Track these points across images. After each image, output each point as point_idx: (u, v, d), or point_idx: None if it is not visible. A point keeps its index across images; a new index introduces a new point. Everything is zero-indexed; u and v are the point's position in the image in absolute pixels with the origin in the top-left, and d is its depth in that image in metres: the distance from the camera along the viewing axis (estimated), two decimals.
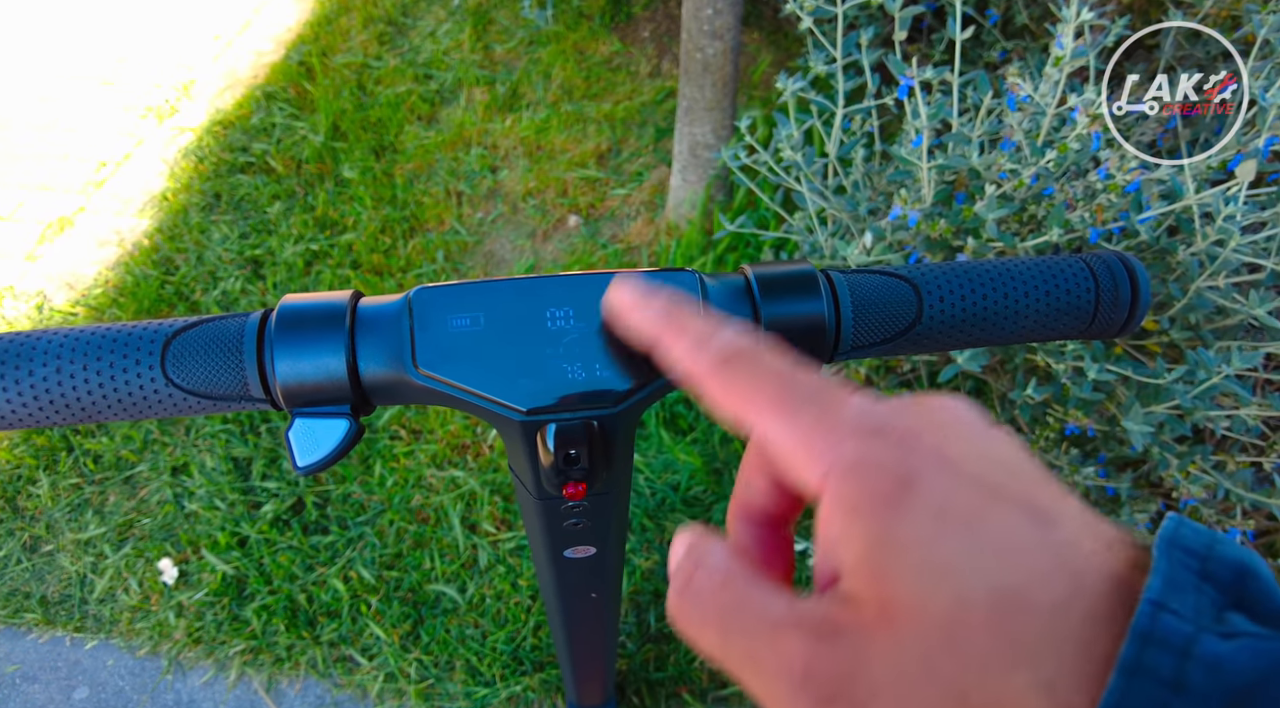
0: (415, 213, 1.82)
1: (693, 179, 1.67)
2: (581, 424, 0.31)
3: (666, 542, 1.36)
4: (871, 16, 1.38)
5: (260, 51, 2.28)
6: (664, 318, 0.26)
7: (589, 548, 0.46)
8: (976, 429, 0.22)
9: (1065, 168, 0.87)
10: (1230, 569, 0.19)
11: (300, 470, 0.32)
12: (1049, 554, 0.19)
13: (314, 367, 0.32)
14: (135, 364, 0.32)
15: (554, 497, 0.37)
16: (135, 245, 1.80)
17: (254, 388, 0.33)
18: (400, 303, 0.33)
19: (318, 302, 0.33)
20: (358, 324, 0.33)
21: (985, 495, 0.20)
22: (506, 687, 1.21)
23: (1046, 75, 0.88)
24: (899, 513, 0.20)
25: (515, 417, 0.31)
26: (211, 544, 1.36)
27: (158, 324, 0.33)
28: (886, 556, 0.19)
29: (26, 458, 1.47)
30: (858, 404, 0.21)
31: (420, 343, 0.32)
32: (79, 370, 0.32)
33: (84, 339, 0.32)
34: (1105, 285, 0.37)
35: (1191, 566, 0.18)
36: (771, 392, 0.22)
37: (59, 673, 1.25)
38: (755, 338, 0.24)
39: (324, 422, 0.32)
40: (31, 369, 0.31)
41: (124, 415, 0.33)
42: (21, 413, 0.32)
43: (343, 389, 0.32)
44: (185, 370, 0.32)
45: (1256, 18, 0.90)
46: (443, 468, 1.43)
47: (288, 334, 0.32)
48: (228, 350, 0.33)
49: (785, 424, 0.22)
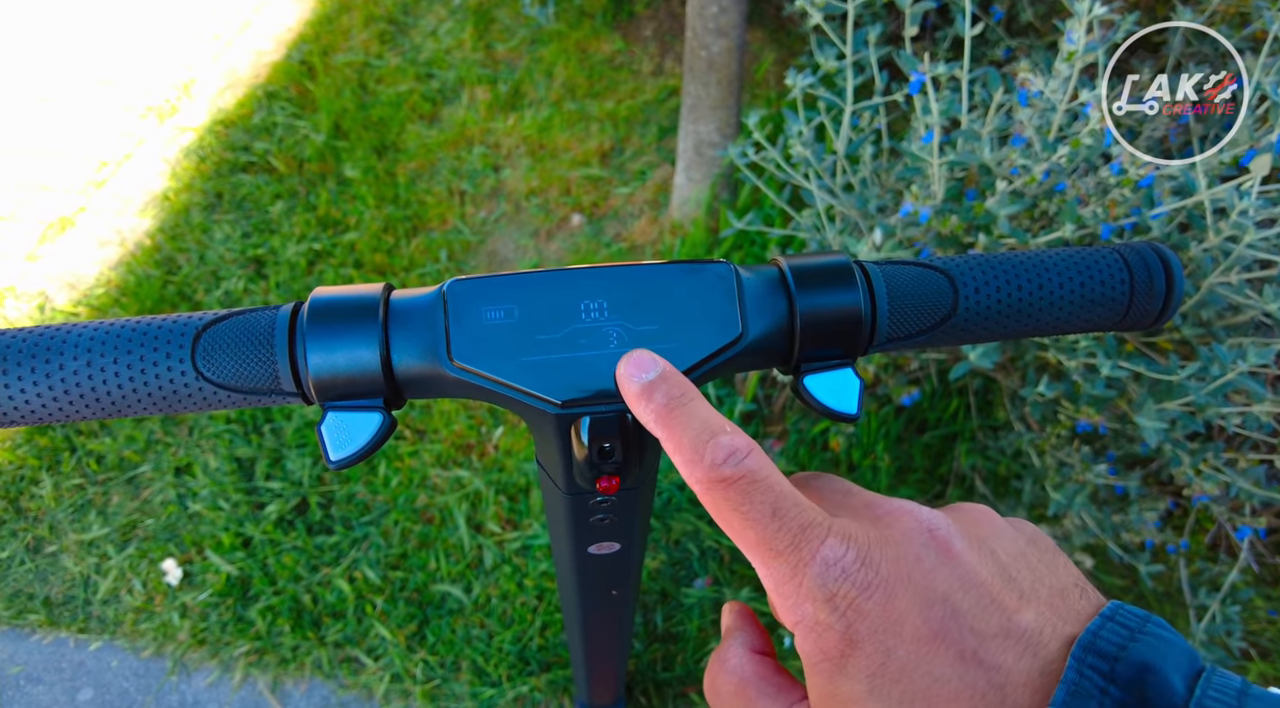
0: (418, 212, 1.82)
1: (697, 177, 1.66)
2: (616, 417, 0.31)
3: (672, 541, 1.35)
4: (876, 15, 1.38)
5: (261, 51, 2.28)
6: (662, 418, 0.27)
7: (613, 544, 0.45)
8: (957, 551, 0.25)
9: (1077, 163, 0.86)
10: (1134, 668, 0.21)
11: (334, 465, 0.31)
12: (975, 698, 0.22)
13: (347, 359, 0.32)
14: (166, 358, 0.32)
15: (583, 492, 0.37)
16: (137, 245, 1.80)
17: (285, 382, 0.32)
18: (434, 295, 0.33)
19: (350, 295, 0.33)
20: (391, 317, 0.33)
21: (923, 648, 0.23)
22: (513, 687, 1.20)
23: (1057, 71, 0.87)
24: (841, 673, 0.23)
25: (550, 410, 0.31)
26: (215, 545, 1.35)
27: (187, 317, 0.33)
28: (833, 705, 0.23)
29: (29, 459, 1.46)
30: (825, 558, 0.23)
31: (455, 335, 0.31)
32: (110, 364, 0.31)
33: (114, 333, 0.32)
34: (1140, 276, 0.36)
35: (1101, 669, 0.21)
36: (754, 536, 0.24)
37: (63, 674, 1.24)
38: (745, 458, 0.25)
39: (357, 415, 0.32)
40: (63, 363, 0.31)
41: (154, 409, 0.32)
42: (52, 407, 0.31)
43: (376, 382, 0.32)
44: (216, 364, 0.32)
45: (1268, 14, 0.89)
46: (447, 468, 1.43)
47: (320, 327, 0.32)
48: (259, 343, 0.32)
49: (765, 570, 0.24)
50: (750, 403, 1.44)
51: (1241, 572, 1.21)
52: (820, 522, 0.24)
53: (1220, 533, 1.20)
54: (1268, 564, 1.29)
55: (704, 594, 1.29)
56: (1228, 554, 1.23)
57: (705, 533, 1.35)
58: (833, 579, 0.23)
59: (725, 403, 1.45)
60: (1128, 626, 0.22)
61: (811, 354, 0.35)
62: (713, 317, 0.32)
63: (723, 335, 0.32)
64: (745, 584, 1.30)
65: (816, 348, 0.34)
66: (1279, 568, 1.29)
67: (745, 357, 0.34)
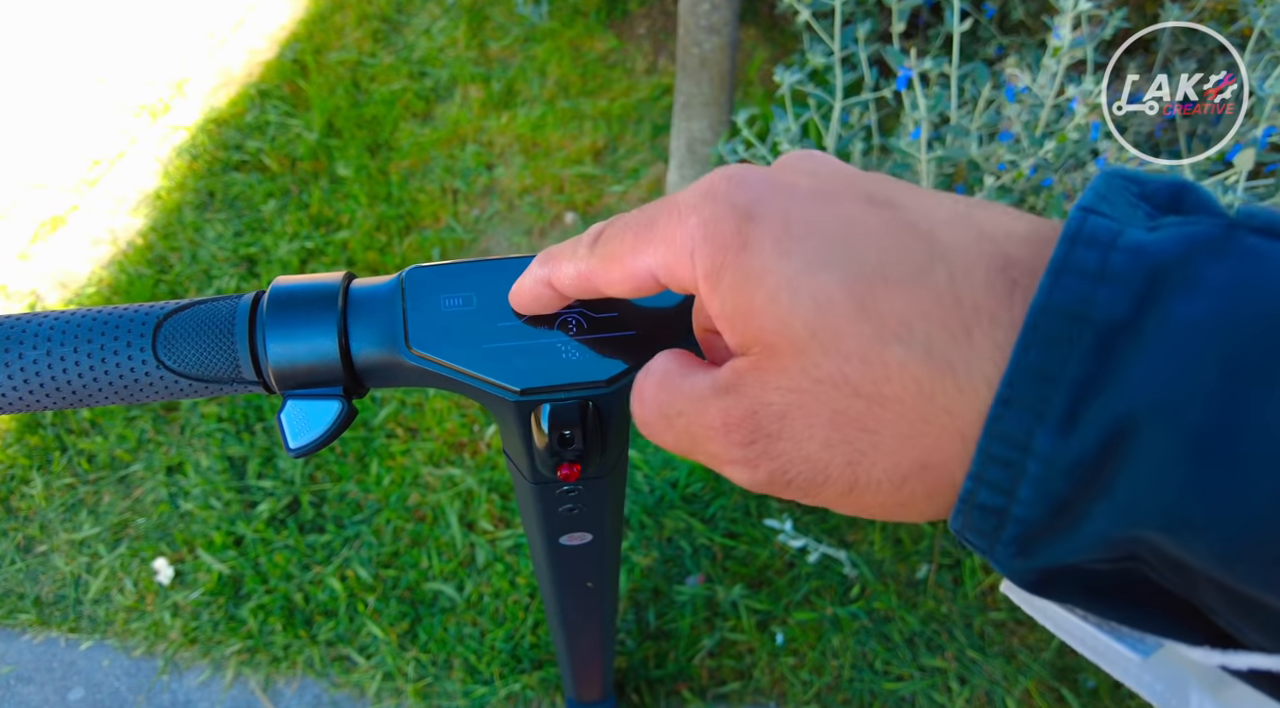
0: (411, 210, 1.81)
1: (690, 175, 1.66)
2: (576, 404, 0.31)
3: (665, 538, 1.35)
4: (868, 12, 1.38)
5: (254, 49, 2.27)
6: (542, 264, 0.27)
7: (585, 535, 0.45)
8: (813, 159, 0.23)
9: (1064, 159, 0.87)
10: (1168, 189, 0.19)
11: (293, 452, 0.31)
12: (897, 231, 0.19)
13: (306, 348, 0.32)
14: (126, 347, 0.32)
15: (549, 481, 0.37)
16: (129, 244, 1.79)
17: (246, 370, 0.32)
18: (392, 283, 0.33)
19: (309, 283, 0.33)
20: (350, 305, 0.33)
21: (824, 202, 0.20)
22: (505, 685, 1.20)
23: (1044, 67, 0.88)
24: (746, 251, 0.20)
25: (509, 397, 0.31)
26: (207, 544, 1.35)
27: (149, 307, 0.33)
28: (748, 296, 0.20)
29: (19, 458, 1.45)
30: (692, 188, 0.22)
31: (413, 323, 0.31)
32: (69, 353, 0.31)
33: (74, 322, 0.32)
34: None
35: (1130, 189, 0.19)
36: (630, 238, 0.23)
37: (54, 674, 1.24)
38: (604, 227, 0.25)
39: (316, 403, 0.32)
40: (22, 353, 0.31)
41: (116, 399, 0.32)
42: (12, 397, 0.31)
43: (334, 371, 0.32)
44: (177, 353, 0.32)
45: (1254, 10, 0.90)
46: (439, 466, 1.43)
47: (279, 316, 0.32)
48: (219, 332, 0.32)
49: (652, 251, 0.22)
50: None
51: None
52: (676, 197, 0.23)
53: None
54: None
55: (696, 592, 1.29)
56: None
57: (698, 530, 1.35)
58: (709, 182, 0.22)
59: None
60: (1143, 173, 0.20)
61: None
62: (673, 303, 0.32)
63: None
64: (738, 581, 1.30)
65: None
66: None
67: None
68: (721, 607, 1.29)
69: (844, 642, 1.25)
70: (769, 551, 1.33)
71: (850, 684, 1.22)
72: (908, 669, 1.22)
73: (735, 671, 1.23)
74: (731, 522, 1.36)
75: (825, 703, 1.21)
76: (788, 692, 1.21)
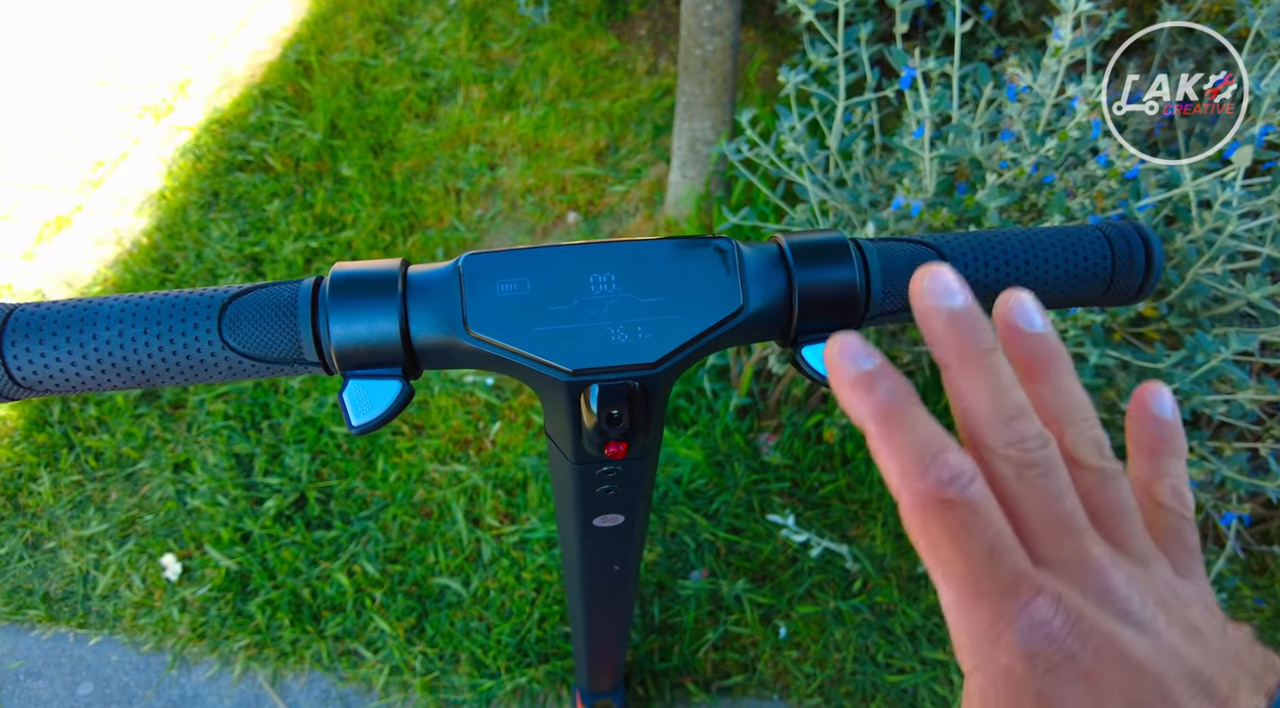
0: (414, 210, 1.83)
1: (692, 175, 1.68)
2: (624, 384, 0.32)
3: (668, 534, 1.36)
4: (869, 13, 1.39)
5: (257, 50, 2.28)
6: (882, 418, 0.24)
7: (618, 516, 0.47)
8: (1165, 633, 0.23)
9: (1065, 156, 0.88)
10: None
11: (355, 430, 0.33)
12: None
13: (367, 330, 0.33)
14: (194, 329, 0.33)
15: (591, 461, 0.38)
16: (134, 244, 1.80)
17: (308, 351, 0.34)
18: (449, 269, 0.34)
19: (370, 269, 0.34)
20: (409, 290, 0.34)
21: None
22: (512, 679, 1.21)
23: (1045, 66, 0.89)
24: None
25: (561, 377, 0.32)
26: (214, 540, 1.36)
27: (214, 290, 0.34)
28: None
29: (27, 456, 1.46)
30: (1032, 616, 0.22)
31: (470, 307, 0.33)
32: (140, 334, 0.32)
33: (145, 304, 0.33)
34: (1121, 252, 0.38)
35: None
36: (963, 570, 0.22)
37: (63, 669, 1.24)
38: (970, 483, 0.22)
39: (377, 383, 0.33)
40: (95, 334, 0.32)
41: (182, 379, 0.34)
42: (86, 377, 0.33)
43: (395, 352, 0.33)
44: (241, 334, 0.33)
45: (1250, 10, 0.91)
46: (445, 462, 1.44)
47: (342, 299, 0.33)
48: (282, 315, 0.34)
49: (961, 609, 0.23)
50: (745, 397, 1.46)
51: (1229, 561, 1.23)
52: (1032, 573, 0.22)
53: (1207, 522, 1.22)
54: (1254, 553, 1.31)
55: (700, 586, 1.31)
56: (1215, 544, 1.25)
57: (701, 526, 1.36)
58: (1037, 640, 0.21)
59: (720, 397, 1.47)
60: None
61: (809, 326, 0.36)
62: (715, 289, 0.34)
63: (725, 307, 0.34)
64: (741, 575, 1.31)
65: (814, 320, 0.36)
66: (1265, 557, 1.31)
67: (746, 328, 0.35)
68: (725, 601, 1.30)
69: (846, 635, 1.26)
70: (772, 545, 1.34)
71: (853, 677, 1.23)
72: (910, 662, 1.24)
73: (739, 664, 1.25)
74: (735, 517, 1.37)
75: (828, 696, 1.22)
76: (791, 685, 1.23)
